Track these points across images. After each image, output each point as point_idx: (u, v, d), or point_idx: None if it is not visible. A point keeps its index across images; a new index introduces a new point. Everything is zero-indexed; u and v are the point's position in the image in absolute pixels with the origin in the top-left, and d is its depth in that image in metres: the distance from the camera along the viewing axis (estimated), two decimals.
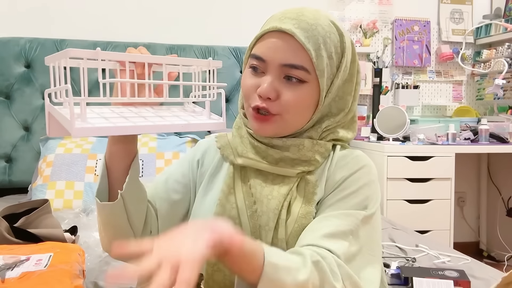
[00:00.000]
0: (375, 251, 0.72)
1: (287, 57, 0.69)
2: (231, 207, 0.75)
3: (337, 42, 0.72)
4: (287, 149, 0.74)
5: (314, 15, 0.71)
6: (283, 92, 0.70)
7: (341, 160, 0.77)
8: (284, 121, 0.72)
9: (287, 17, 0.70)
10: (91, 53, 0.60)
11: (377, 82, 2.79)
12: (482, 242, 3.06)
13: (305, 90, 0.71)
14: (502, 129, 2.58)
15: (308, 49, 0.68)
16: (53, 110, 0.65)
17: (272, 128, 0.73)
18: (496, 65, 2.77)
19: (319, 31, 0.70)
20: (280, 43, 0.69)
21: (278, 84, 0.70)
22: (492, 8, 3.04)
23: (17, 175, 2.19)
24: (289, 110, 0.71)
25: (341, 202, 0.72)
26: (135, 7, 2.52)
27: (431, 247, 1.50)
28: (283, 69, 0.70)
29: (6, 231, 1.04)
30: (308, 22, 0.69)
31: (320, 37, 0.69)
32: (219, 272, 0.73)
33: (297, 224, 0.71)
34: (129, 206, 0.73)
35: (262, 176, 0.76)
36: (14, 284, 0.76)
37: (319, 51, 0.69)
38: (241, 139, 0.79)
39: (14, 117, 2.20)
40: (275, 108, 0.71)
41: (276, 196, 0.73)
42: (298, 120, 0.74)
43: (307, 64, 0.69)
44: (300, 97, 0.71)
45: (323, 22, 0.71)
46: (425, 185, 2.32)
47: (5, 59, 2.19)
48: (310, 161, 0.74)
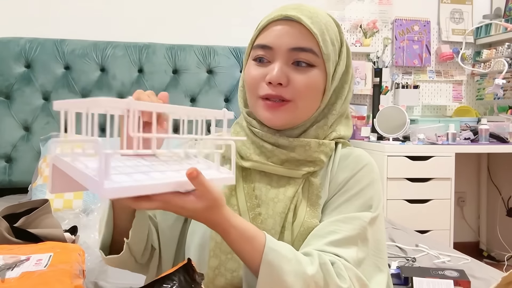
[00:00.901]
0: (382, 253, 0.73)
1: (296, 41, 0.70)
2: (232, 209, 0.74)
3: (336, 31, 0.75)
4: (293, 149, 0.74)
5: (313, 7, 0.74)
6: (294, 77, 0.70)
7: (343, 160, 0.77)
8: (296, 108, 0.72)
9: (287, 8, 0.72)
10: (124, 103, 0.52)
11: (377, 82, 2.79)
12: (482, 242, 3.06)
13: (314, 74, 0.71)
14: (502, 129, 2.58)
15: (315, 33, 0.70)
16: (61, 163, 0.55)
17: (285, 116, 0.72)
18: (496, 65, 2.77)
19: (321, 19, 0.72)
20: (287, 29, 0.70)
21: (287, 70, 0.70)
22: (492, 8, 3.04)
23: (17, 175, 2.19)
24: (302, 94, 0.71)
25: (346, 204, 0.72)
26: (135, 7, 2.52)
27: (431, 247, 1.50)
28: (291, 54, 0.70)
29: (6, 231, 1.04)
30: (310, 11, 0.72)
31: (322, 24, 0.71)
32: (221, 276, 0.72)
33: (303, 227, 0.71)
34: (133, 247, 0.70)
35: (266, 178, 0.75)
36: (14, 284, 0.75)
37: (324, 35, 0.71)
38: (242, 140, 0.77)
39: (14, 117, 2.20)
40: (288, 93, 0.70)
41: (282, 199, 0.72)
42: (309, 106, 0.73)
43: (315, 47, 0.70)
44: (311, 81, 0.71)
45: (322, 12, 0.74)
46: (425, 185, 2.32)
47: (5, 59, 2.19)
48: (316, 162, 0.74)
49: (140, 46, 2.34)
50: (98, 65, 2.29)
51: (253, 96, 0.74)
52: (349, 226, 0.69)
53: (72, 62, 2.26)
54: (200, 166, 0.61)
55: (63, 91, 2.23)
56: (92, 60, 2.28)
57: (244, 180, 0.76)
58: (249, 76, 0.74)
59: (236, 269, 0.71)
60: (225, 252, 0.71)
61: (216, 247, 0.72)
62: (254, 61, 0.73)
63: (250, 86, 0.73)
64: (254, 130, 0.76)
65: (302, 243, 0.70)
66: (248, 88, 0.75)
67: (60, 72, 2.25)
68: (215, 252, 0.72)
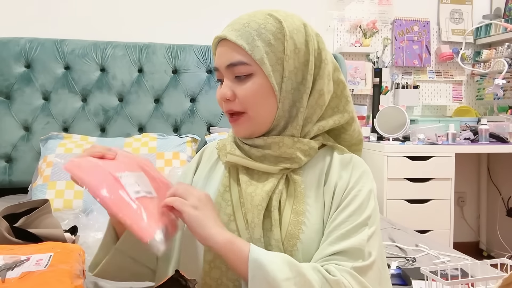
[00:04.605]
0: (384, 265, 0.75)
1: (227, 58, 0.75)
2: (226, 205, 0.77)
3: (276, 29, 0.74)
4: (268, 147, 0.77)
5: (250, 15, 0.76)
6: (237, 90, 0.75)
7: (341, 168, 0.78)
8: (252, 118, 0.76)
9: (227, 26, 0.77)
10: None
11: (377, 82, 2.79)
12: (482, 242, 3.06)
13: (254, 81, 0.74)
14: (502, 129, 2.58)
15: (241, 45, 0.73)
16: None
17: (244, 127, 0.77)
18: (496, 65, 2.77)
19: (252, 26, 0.74)
20: (222, 49, 0.76)
21: (232, 85, 0.75)
22: (492, 8, 3.04)
23: (17, 175, 2.19)
24: (249, 104, 0.74)
25: (345, 222, 0.72)
26: (135, 7, 2.52)
27: (431, 247, 1.50)
28: (229, 71, 0.75)
29: (6, 231, 1.04)
30: (241, 23, 0.75)
31: (253, 31, 0.73)
32: (216, 269, 0.74)
33: (290, 226, 0.72)
34: (132, 252, 0.80)
35: (249, 175, 0.78)
36: (14, 284, 0.75)
37: (254, 42, 0.73)
38: (232, 140, 0.83)
39: (14, 117, 2.20)
40: (237, 106, 0.75)
41: (259, 193, 0.75)
42: (264, 113, 0.76)
43: (244, 58, 0.73)
44: (253, 89, 0.74)
45: (258, 17, 0.75)
46: (425, 185, 2.32)
47: (5, 59, 2.19)
48: (292, 159, 0.76)
49: (140, 46, 2.34)
50: (98, 65, 2.29)
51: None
52: (350, 240, 0.70)
53: (72, 62, 2.26)
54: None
55: (63, 91, 2.23)
56: (92, 60, 2.28)
57: (236, 178, 0.79)
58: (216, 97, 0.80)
59: None
60: None
61: None
62: (218, 82, 0.80)
63: (219, 105, 0.80)
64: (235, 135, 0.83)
65: (291, 242, 0.72)
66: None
67: (60, 72, 2.24)
68: None
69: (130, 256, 0.82)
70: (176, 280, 0.65)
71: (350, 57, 2.86)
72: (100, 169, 0.70)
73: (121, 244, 0.80)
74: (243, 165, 0.78)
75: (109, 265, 0.82)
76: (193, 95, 2.39)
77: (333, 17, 2.84)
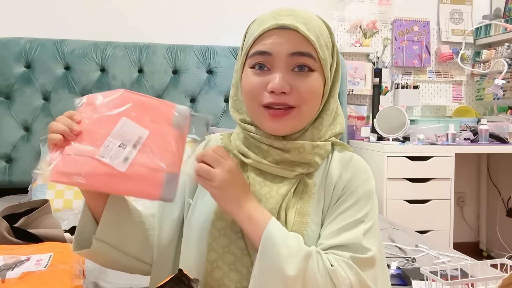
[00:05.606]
0: (383, 265, 0.75)
1: (295, 46, 0.70)
2: None
3: (327, 33, 0.75)
4: (288, 151, 0.75)
5: (305, 11, 0.74)
6: (297, 84, 0.71)
7: (341, 167, 0.77)
8: (300, 114, 0.73)
9: (281, 14, 0.72)
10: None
11: (377, 82, 2.79)
12: (482, 242, 3.06)
13: (315, 78, 0.72)
14: (502, 129, 2.58)
15: (312, 40, 0.71)
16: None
17: (290, 124, 0.73)
18: (496, 65, 2.77)
19: (314, 24, 0.73)
20: (284, 37, 0.70)
21: (289, 77, 0.71)
22: (492, 8, 3.04)
23: (17, 175, 2.19)
24: (305, 100, 0.72)
25: (341, 217, 0.73)
26: (135, 7, 2.52)
27: (431, 247, 1.50)
28: (291, 59, 0.71)
29: (6, 231, 1.05)
30: (303, 17, 0.72)
31: (316, 29, 0.72)
32: (218, 269, 0.74)
33: (295, 227, 0.72)
34: (113, 240, 0.75)
35: (261, 175, 0.77)
36: (14, 284, 0.76)
37: (319, 41, 0.72)
38: (244, 139, 0.79)
39: (14, 117, 2.20)
40: (293, 100, 0.71)
41: (274, 195, 0.74)
42: (312, 110, 0.75)
43: (313, 52, 0.71)
44: (313, 85, 0.72)
45: (313, 16, 0.75)
46: (425, 185, 2.32)
47: (5, 59, 2.19)
48: (310, 164, 0.76)
49: (140, 46, 2.34)
50: (98, 65, 2.29)
51: (254, 104, 0.74)
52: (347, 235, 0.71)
53: (72, 62, 2.26)
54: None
55: (63, 91, 2.23)
56: (92, 60, 2.28)
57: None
58: (249, 84, 0.73)
59: (233, 262, 0.73)
60: (222, 246, 0.74)
61: (214, 241, 0.74)
62: (252, 69, 0.73)
63: (251, 94, 0.73)
64: (250, 134, 0.77)
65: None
66: (249, 97, 0.74)
67: (60, 72, 2.25)
68: (213, 246, 0.74)
69: (114, 246, 0.76)
70: (179, 279, 0.65)
71: (350, 57, 2.86)
72: (81, 160, 0.66)
73: (100, 233, 0.74)
74: (258, 168, 0.77)
75: (94, 256, 0.77)
76: (193, 95, 2.39)
77: (333, 17, 2.83)
